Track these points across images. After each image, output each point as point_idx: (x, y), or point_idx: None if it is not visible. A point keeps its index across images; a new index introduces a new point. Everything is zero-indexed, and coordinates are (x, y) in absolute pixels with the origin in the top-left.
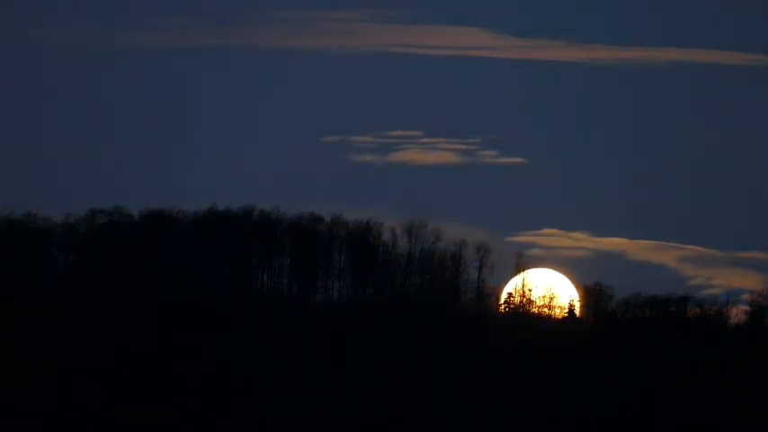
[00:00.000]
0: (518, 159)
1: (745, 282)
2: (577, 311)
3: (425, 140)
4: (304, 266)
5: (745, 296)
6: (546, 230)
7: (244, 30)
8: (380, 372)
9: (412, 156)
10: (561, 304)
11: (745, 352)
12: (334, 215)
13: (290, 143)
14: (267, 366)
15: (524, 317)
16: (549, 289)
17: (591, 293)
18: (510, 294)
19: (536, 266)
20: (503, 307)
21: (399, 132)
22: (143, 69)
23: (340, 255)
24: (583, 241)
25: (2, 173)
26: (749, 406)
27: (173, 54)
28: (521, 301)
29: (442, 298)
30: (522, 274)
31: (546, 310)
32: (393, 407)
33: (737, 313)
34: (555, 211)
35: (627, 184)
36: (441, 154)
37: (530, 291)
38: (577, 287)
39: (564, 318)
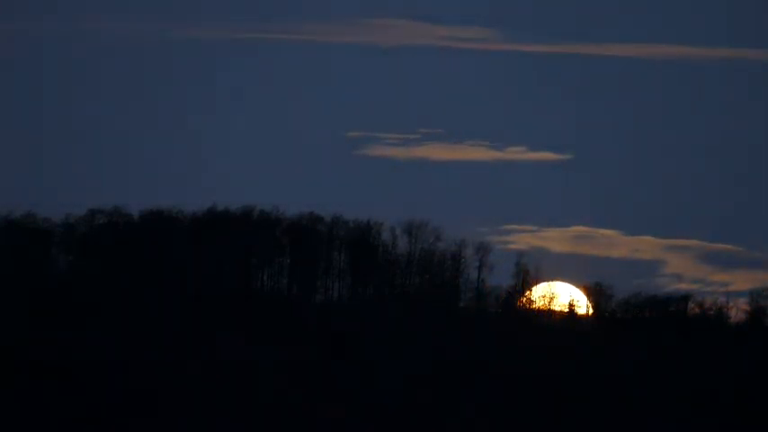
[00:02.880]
0: (548, 155)
1: None
2: (584, 311)
3: (450, 137)
4: (304, 266)
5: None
6: (575, 228)
7: (252, 28)
8: (380, 371)
9: (436, 152)
10: (562, 303)
11: (745, 352)
12: (335, 215)
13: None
14: (266, 366)
15: (525, 315)
16: (548, 288)
17: (591, 293)
18: (510, 294)
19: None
20: (502, 307)
21: (424, 130)
22: (143, 69)
23: (340, 255)
24: (613, 239)
25: (2, 173)
26: (749, 406)
27: (173, 53)
28: (521, 301)
29: (442, 298)
30: (541, 284)
31: (546, 309)
32: (393, 406)
33: (737, 313)
34: (586, 209)
35: (658, 183)
36: (467, 150)
37: (530, 291)
38: (580, 287)
39: (564, 317)
